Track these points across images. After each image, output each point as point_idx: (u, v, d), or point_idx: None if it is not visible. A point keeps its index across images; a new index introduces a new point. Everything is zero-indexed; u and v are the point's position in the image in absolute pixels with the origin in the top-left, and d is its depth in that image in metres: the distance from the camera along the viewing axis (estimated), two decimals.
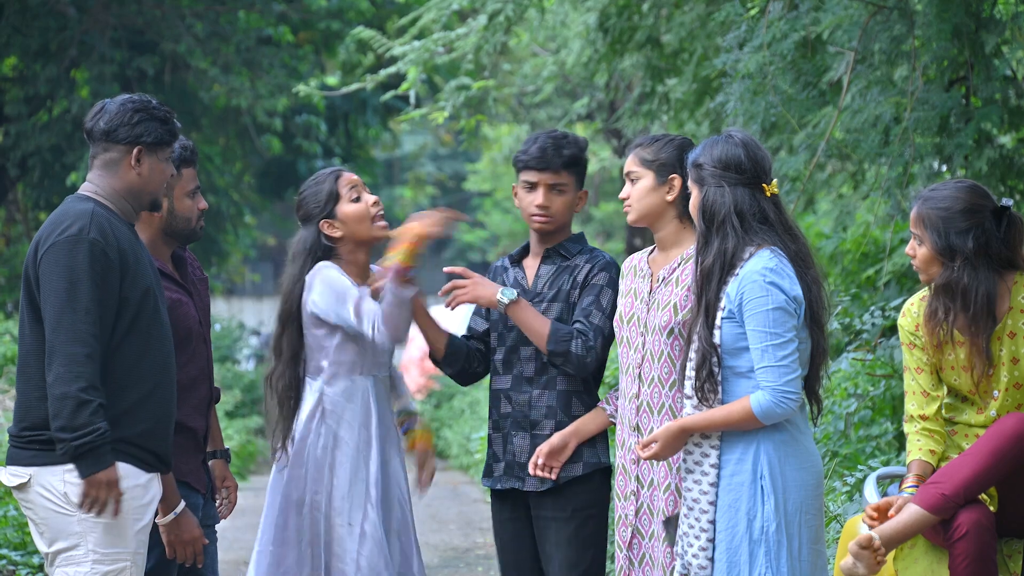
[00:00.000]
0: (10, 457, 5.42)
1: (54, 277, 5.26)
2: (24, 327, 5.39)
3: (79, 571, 5.34)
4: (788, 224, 5.46)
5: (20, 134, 21.55)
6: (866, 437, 8.82)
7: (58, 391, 5.20)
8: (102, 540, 5.31)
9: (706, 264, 5.38)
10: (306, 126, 24.53)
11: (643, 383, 5.79)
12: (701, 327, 5.36)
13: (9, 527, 10.63)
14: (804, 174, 9.47)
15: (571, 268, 6.18)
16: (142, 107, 5.52)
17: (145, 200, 5.55)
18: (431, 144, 44.47)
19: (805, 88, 9.54)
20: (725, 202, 5.38)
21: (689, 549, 5.41)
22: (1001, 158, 9.30)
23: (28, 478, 5.32)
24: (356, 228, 6.17)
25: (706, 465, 5.38)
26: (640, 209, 5.88)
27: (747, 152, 5.41)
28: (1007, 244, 5.59)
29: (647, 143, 5.92)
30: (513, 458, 6.20)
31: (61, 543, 5.34)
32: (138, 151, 5.47)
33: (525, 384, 6.18)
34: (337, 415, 6.11)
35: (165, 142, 5.54)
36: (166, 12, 21.58)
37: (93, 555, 5.33)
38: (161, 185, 5.58)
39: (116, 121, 5.48)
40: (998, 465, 5.41)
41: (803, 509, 5.33)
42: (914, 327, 5.73)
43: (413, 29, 12.50)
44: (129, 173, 5.48)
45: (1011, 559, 5.57)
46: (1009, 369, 5.60)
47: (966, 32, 8.85)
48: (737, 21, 9.80)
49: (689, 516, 5.42)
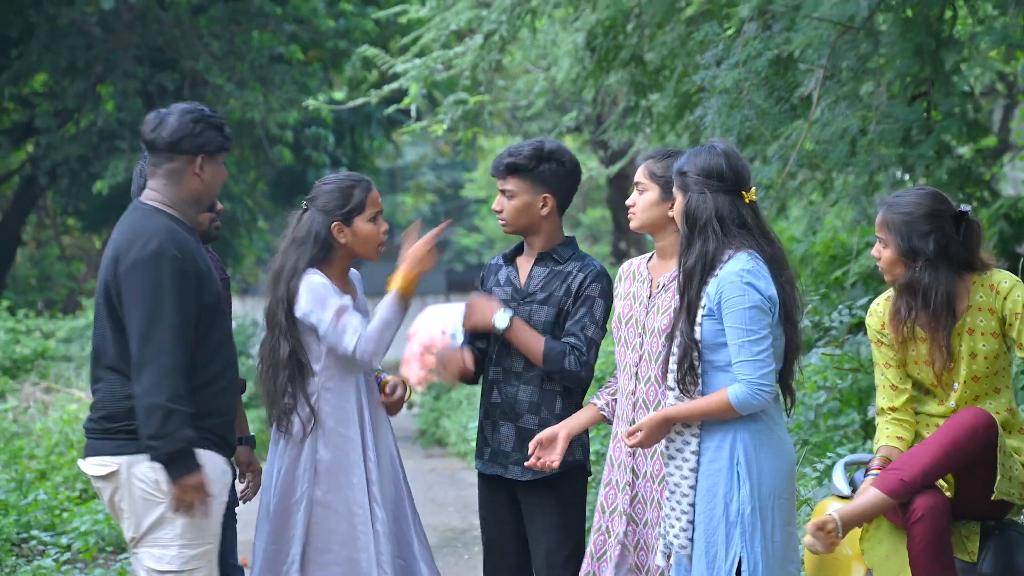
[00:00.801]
0: (93, 448, 5.36)
1: (139, 294, 5.21)
2: (105, 332, 5.32)
3: (166, 554, 5.30)
4: (765, 229, 5.46)
5: (50, 145, 21.55)
6: (834, 427, 8.81)
7: (147, 402, 5.17)
8: (189, 523, 5.29)
9: (688, 265, 5.38)
10: (315, 138, 24.52)
11: (640, 381, 5.77)
12: (683, 323, 5.36)
13: (40, 510, 10.61)
14: (777, 182, 9.46)
15: (564, 274, 6.14)
16: (201, 117, 5.44)
17: (206, 203, 5.52)
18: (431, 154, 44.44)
19: (778, 102, 9.55)
20: (707, 208, 5.38)
21: (671, 530, 5.41)
22: (960, 167, 9.32)
23: (117, 467, 5.28)
24: (362, 246, 6.09)
25: (687, 452, 5.38)
26: (643, 219, 5.87)
27: (728, 162, 5.41)
28: (966, 246, 5.59)
29: (659, 157, 5.88)
30: (498, 446, 6.18)
31: (148, 527, 5.29)
32: (201, 159, 5.42)
33: (513, 377, 6.15)
34: (335, 416, 6.03)
35: (224, 148, 5.50)
36: (185, 32, 21.56)
37: (180, 539, 5.30)
38: (219, 187, 5.54)
39: (179, 132, 5.40)
40: (954, 455, 5.41)
41: (776, 494, 5.32)
42: (880, 325, 5.73)
43: (414, 48, 12.51)
44: (194, 180, 5.43)
45: (969, 539, 5.57)
46: (968, 363, 5.59)
47: (927, 51, 8.86)
48: (715, 40, 9.80)
49: (671, 499, 5.42)
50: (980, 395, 5.62)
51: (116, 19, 21.00)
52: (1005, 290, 5.55)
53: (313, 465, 5.97)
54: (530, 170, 6.12)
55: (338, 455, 5.99)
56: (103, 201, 22.27)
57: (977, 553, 5.54)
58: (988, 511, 5.57)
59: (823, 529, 5.35)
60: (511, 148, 6.18)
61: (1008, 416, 5.64)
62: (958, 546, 5.54)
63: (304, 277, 5.99)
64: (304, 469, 5.97)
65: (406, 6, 13.93)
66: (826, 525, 5.35)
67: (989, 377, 5.61)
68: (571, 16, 13.28)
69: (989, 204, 10.12)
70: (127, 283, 5.24)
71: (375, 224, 6.09)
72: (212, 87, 21.81)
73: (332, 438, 6.00)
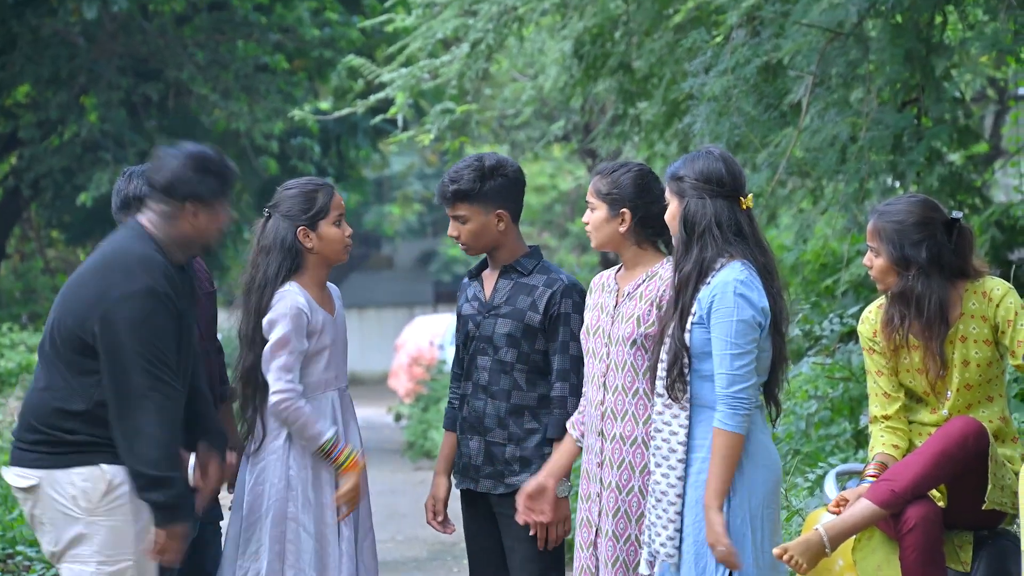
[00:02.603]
0: (15, 459, 5.36)
1: (132, 332, 5.22)
2: (51, 361, 5.31)
3: (85, 570, 5.30)
4: (759, 238, 5.45)
5: (33, 157, 21.49)
6: (826, 436, 8.81)
7: (141, 464, 5.23)
8: (107, 541, 5.28)
9: (685, 271, 5.36)
10: (301, 148, 24.47)
11: (607, 391, 5.75)
12: (675, 328, 5.34)
13: (25, 525, 10.57)
14: (767, 190, 9.47)
15: (529, 287, 6.12)
16: (200, 163, 5.42)
17: (196, 248, 5.51)
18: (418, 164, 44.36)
19: (767, 110, 9.55)
20: (707, 213, 5.36)
21: (656, 538, 5.40)
22: (951, 174, 9.33)
23: (37, 481, 5.27)
24: (328, 249, 6.05)
25: (673, 460, 5.37)
26: (598, 238, 5.84)
27: (727, 167, 5.40)
28: (958, 254, 5.59)
29: (604, 173, 5.83)
30: (469, 460, 6.18)
31: (67, 543, 5.29)
32: (195, 206, 5.41)
33: (480, 391, 6.14)
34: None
35: (222, 196, 5.48)
36: (169, 42, 21.53)
37: (98, 556, 5.29)
38: (215, 233, 5.53)
39: (175, 177, 5.39)
40: (945, 465, 5.41)
41: (765, 503, 5.33)
42: (872, 333, 5.72)
43: (401, 57, 12.49)
44: (184, 225, 5.42)
45: (962, 549, 5.57)
46: (960, 371, 5.59)
47: (917, 57, 8.86)
48: (703, 47, 9.81)
49: (657, 507, 5.41)
50: (973, 403, 5.62)
51: (99, 29, 20.94)
52: (998, 297, 5.55)
53: (285, 480, 5.93)
54: (477, 192, 6.08)
55: (309, 472, 5.97)
56: (87, 213, 22.21)
57: (970, 563, 5.54)
58: (981, 520, 5.57)
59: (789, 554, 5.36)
60: (452, 173, 6.11)
61: (1001, 425, 5.64)
62: (951, 556, 5.54)
63: (282, 292, 5.97)
64: (272, 484, 5.92)
65: (392, 15, 13.92)
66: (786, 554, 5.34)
67: (982, 385, 5.61)
68: (558, 24, 13.28)
69: (980, 211, 10.13)
70: (119, 317, 5.23)
71: (340, 228, 6.07)
72: (197, 97, 21.77)
73: (304, 454, 5.97)
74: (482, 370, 6.12)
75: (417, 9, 12.73)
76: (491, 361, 6.11)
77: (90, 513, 5.27)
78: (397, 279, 48.32)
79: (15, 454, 5.36)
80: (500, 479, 6.13)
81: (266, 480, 5.93)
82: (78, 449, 5.26)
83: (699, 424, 5.36)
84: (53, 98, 21.20)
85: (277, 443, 5.95)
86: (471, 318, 6.18)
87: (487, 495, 6.16)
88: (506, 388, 6.09)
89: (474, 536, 6.29)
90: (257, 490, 5.94)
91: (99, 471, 5.27)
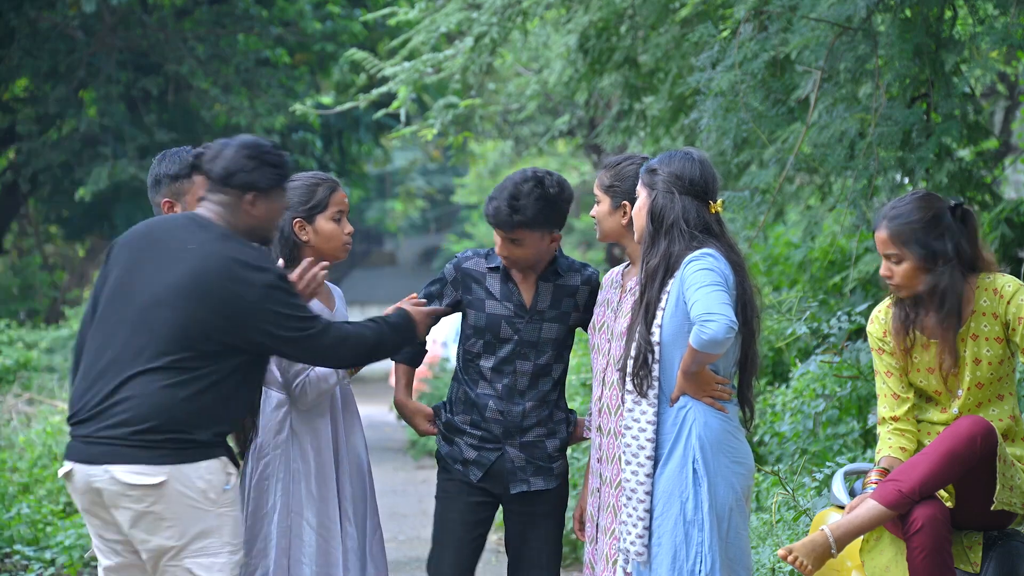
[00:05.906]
0: (133, 457, 5.27)
1: (285, 312, 5.37)
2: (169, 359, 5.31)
3: (216, 561, 5.33)
4: (728, 238, 5.52)
5: (31, 152, 21.51)
6: (833, 435, 8.80)
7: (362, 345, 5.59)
8: (233, 530, 5.36)
9: (652, 265, 5.42)
10: (302, 143, 24.49)
11: (605, 386, 5.81)
12: (640, 324, 5.39)
13: (22, 524, 10.59)
14: (774, 186, 9.46)
15: (569, 288, 6.16)
16: (257, 153, 5.46)
17: (257, 237, 5.51)
18: (421, 159, 44.43)
19: (775, 105, 9.55)
20: (674, 208, 5.44)
21: (627, 537, 5.46)
22: (960, 170, 9.31)
23: (166, 477, 5.28)
24: (325, 244, 6.07)
25: (642, 457, 5.43)
26: (603, 230, 5.93)
27: (702, 170, 5.51)
28: (970, 241, 5.60)
29: (609, 166, 5.90)
30: (512, 465, 6.17)
31: (192, 536, 5.30)
32: (253, 196, 5.44)
33: (517, 396, 6.15)
34: (308, 428, 6.02)
35: (278, 185, 5.51)
36: (169, 36, 21.54)
37: (228, 546, 5.35)
38: (275, 223, 5.57)
39: (233, 167, 5.43)
40: (952, 465, 5.41)
41: (736, 496, 5.41)
42: (882, 333, 5.73)
43: (403, 51, 12.49)
44: (246, 215, 5.46)
45: (971, 550, 5.57)
46: (972, 369, 5.59)
47: (927, 52, 8.85)
48: (710, 42, 9.80)
49: (627, 505, 5.47)
50: (983, 402, 5.63)
51: (98, 23, 20.96)
52: (1009, 294, 5.56)
53: (288, 475, 5.96)
54: (541, 223, 6.05)
55: (311, 468, 5.99)
56: (86, 208, 22.23)
57: (980, 564, 5.54)
58: (990, 521, 5.58)
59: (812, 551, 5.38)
60: (513, 202, 6.00)
61: (1011, 423, 5.65)
62: (960, 557, 5.54)
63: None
64: (277, 479, 5.95)
65: (395, 8, 13.92)
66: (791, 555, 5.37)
67: (993, 383, 5.62)
68: (563, 18, 13.29)
69: (990, 208, 10.12)
70: (268, 304, 5.34)
71: (339, 224, 6.08)
72: (197, 91, 21.79)
73: (306, 450, 5.99)
74: (522, 375, 6.14)
75: (420, 2, 12.74)
76: (532, 366, 6.14)
77: (218, 505, 5.31)
78: (400, 275, 48.35)
79: (134, 453, 5.29)
80: (550, 475, 6.18)
81: (271, 475, 5.95)
82: (202, 444, 5.30)
83: (667, 420, 5.41)
84: (52, 92, 21.21)
85: (280, 438, 5.98)
86: (507, 320, 6.15)
87: (507, 497, 6.20)
88: (545, 389, 6.14)
89: (449, 511, 6.28)
90: (262, 486, 5.96)
91: (220, 463, 5.33)
